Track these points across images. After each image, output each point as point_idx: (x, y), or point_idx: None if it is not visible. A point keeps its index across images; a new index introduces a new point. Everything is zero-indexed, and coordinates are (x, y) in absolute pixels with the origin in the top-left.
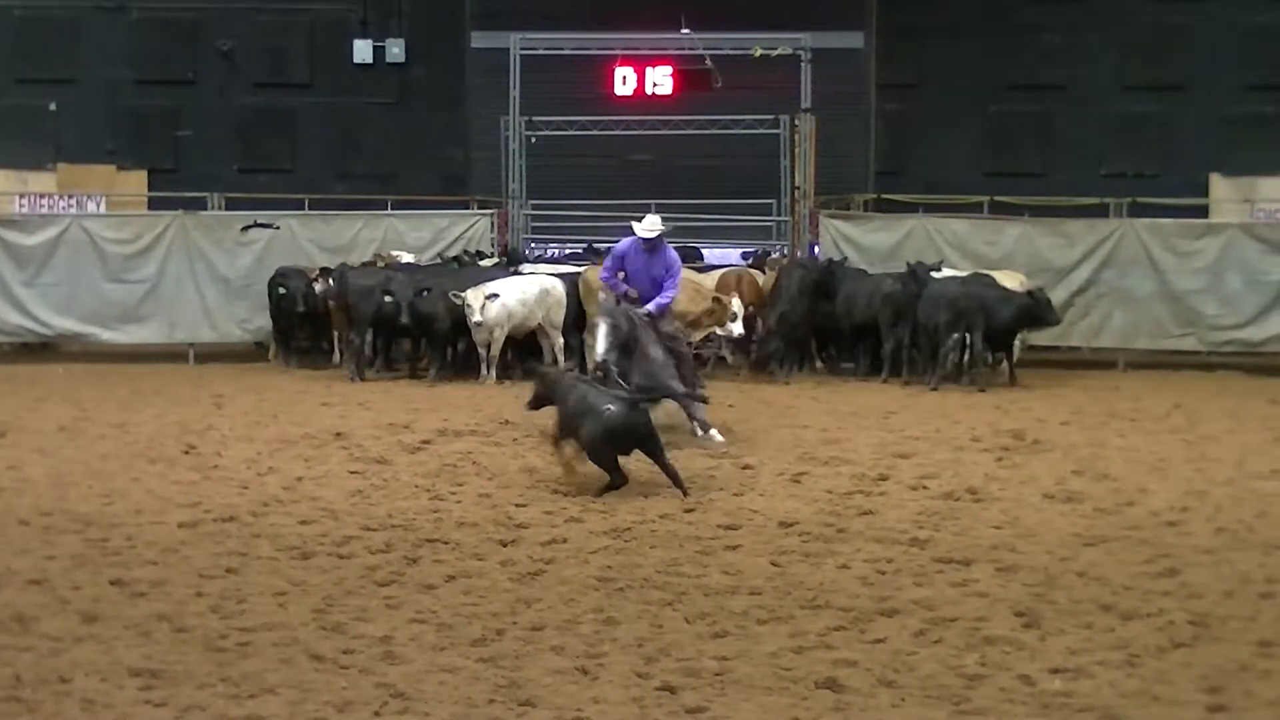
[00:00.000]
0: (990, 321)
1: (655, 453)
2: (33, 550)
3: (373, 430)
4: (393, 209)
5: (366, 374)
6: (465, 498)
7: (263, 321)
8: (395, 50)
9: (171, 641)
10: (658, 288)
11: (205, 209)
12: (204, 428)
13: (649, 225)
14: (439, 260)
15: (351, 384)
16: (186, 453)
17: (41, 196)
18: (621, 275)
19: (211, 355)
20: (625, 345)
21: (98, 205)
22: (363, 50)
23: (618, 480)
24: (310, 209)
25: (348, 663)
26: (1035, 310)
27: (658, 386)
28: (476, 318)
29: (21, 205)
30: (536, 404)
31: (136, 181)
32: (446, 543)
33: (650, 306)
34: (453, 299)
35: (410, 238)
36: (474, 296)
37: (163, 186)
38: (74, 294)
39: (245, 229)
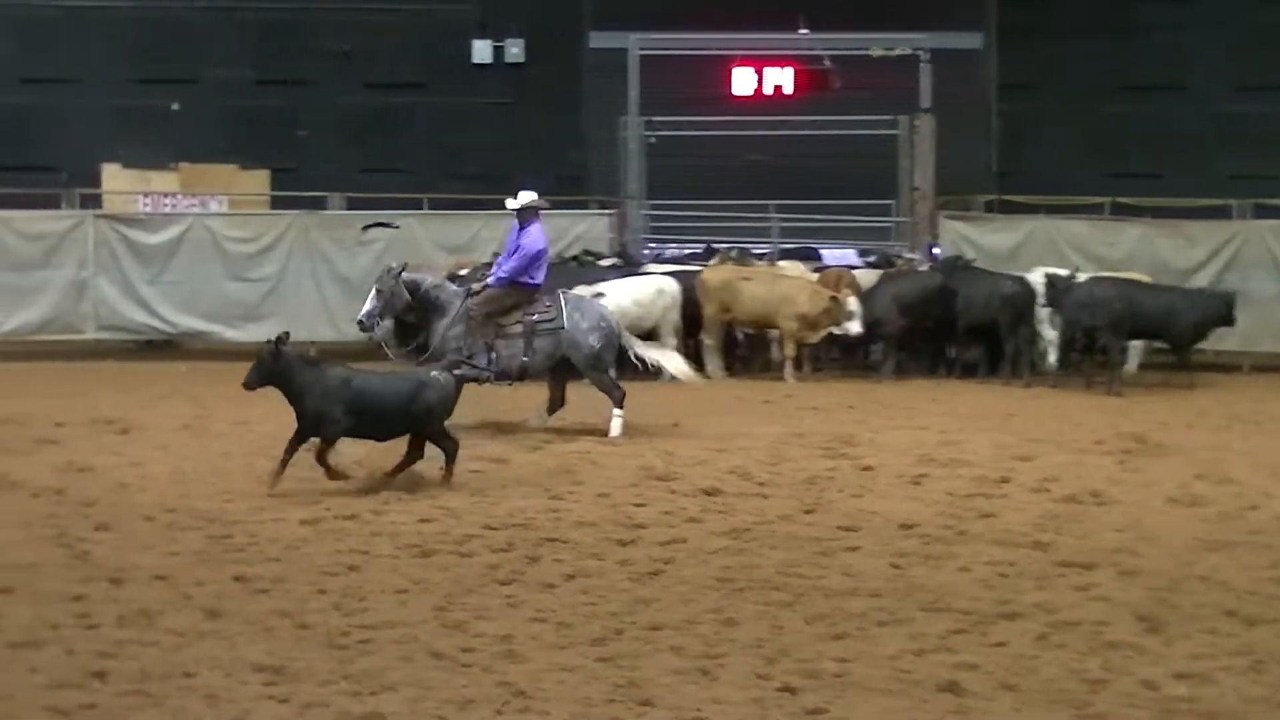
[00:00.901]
0: (1173, 324)
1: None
2: (156, 546)
3: (488, 430)
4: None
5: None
6: (584, 497)
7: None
8: (514, 50)
9: (293, 638)
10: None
11: (325, 209)
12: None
13: (518, 199)
14: (558, 260)
15: (474, 384)
16: (308, 450)
17: (164, 196)
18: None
19: (332, 354)
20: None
21: (219, 205)
22: (482, 50)
23: (454, 444)
24: (429, 208)
25: (468, 661)
26: (1224, 312)
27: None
28: None
29: (145, 204)
30: (258, 383)
31: (258, 181)
32: (565, 542)
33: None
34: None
35: None
36: (580, 293)
37: (283, 186)
38: (196, 292)
39: (365, 228)
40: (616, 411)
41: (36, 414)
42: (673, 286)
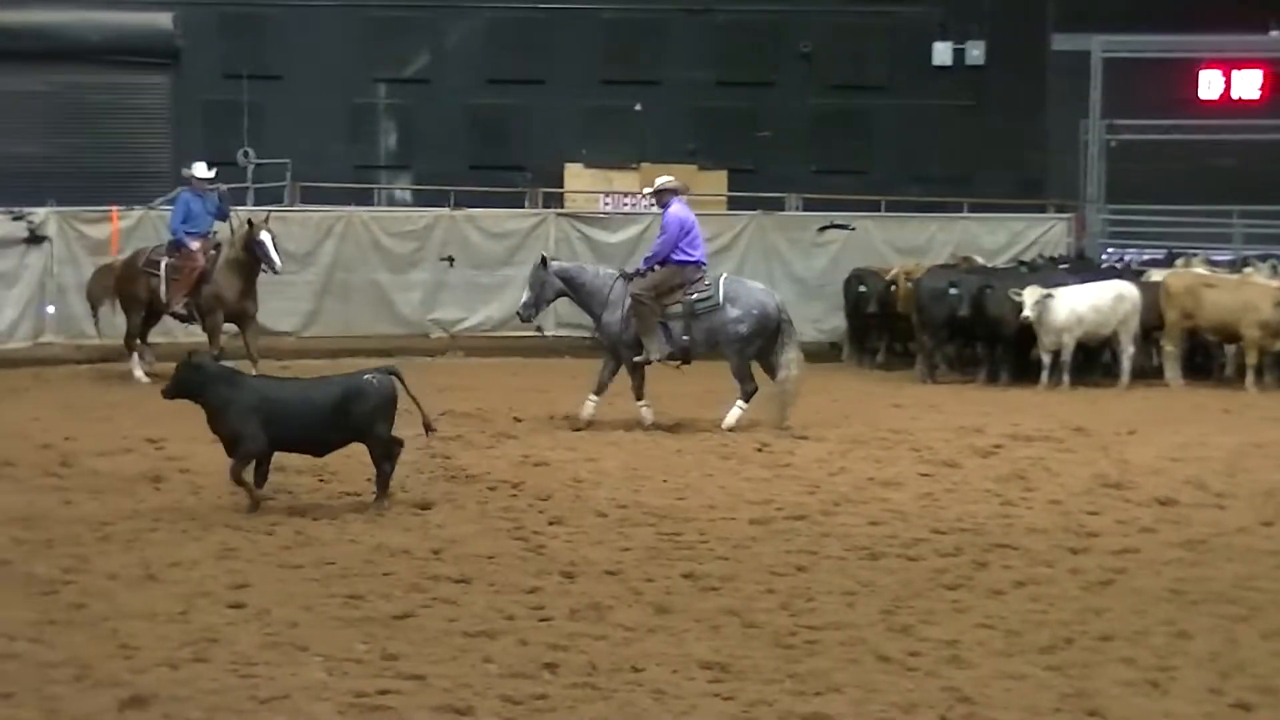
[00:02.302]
0: None
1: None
2: (608, 541)
3: (943, 433)
4: (968, 212)
5: (939, 376)
6: (1035, 504)
7: (837, 322)
8: (975, 53)
9: (740, 636)
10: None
11: (782, 209)
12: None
13: (655, 184)
14: (1018, 265)
15: (923, 386)
16: (759, 450)
17: (625, 195)
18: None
19: None
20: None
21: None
22: (942, 52)
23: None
24: (885, 211)
25: (914, 664)
26: None
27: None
28: (1027, 312)
29: (606, 204)
30: (175, 395)
31: (716, 181)
32: (1016, 548)
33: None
34: (1011, 296)
35: (985, 241)
36: (1030, 293)
37: (741, 187)
38: None
39: (822, 229)
40: (740, 404)
41: (498, 409)
42: (1133, 292)
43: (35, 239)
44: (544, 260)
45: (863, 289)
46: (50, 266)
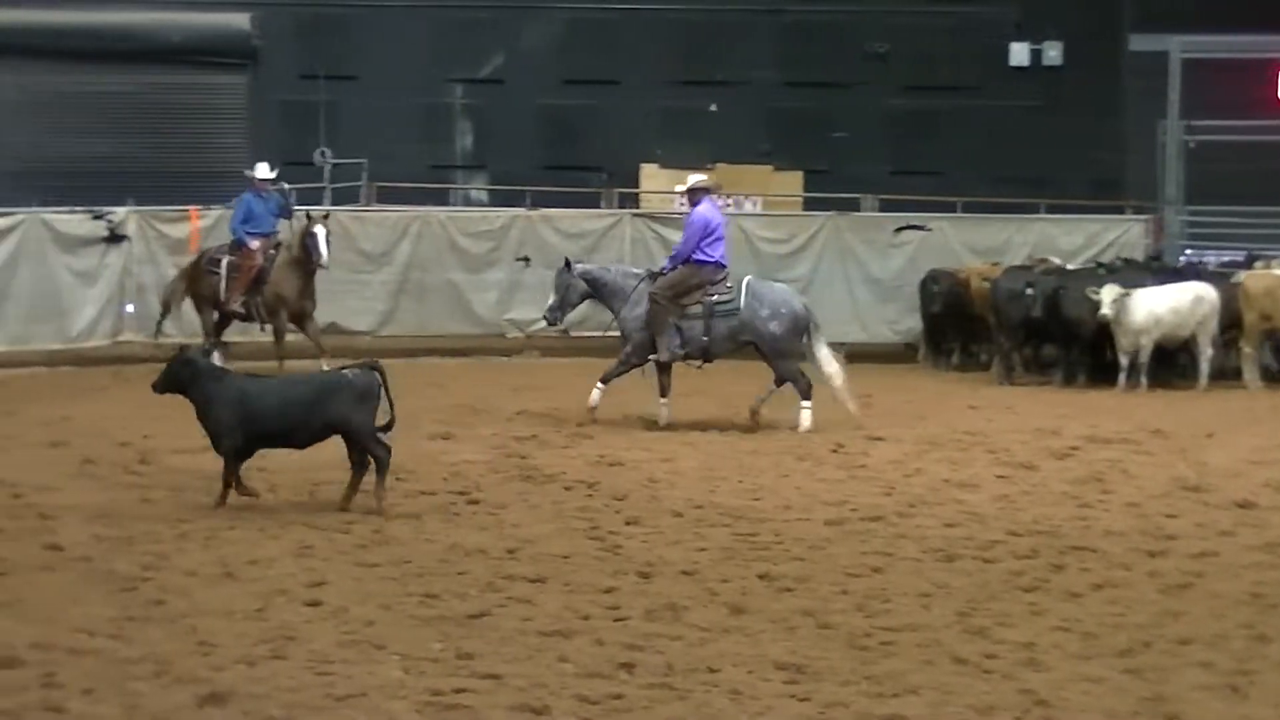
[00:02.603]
0: None
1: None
2: (684, 541)
3: (1019, 435)
4: (1045, 213)
5: (1015, 378)
6: (1113, 506)
7: (912, 323)
8: (1052, 53)
9: (815, 637)
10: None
11: (858, 210)
12: (853, 427)
13: (689, 180)
14: (1095, 266)
15: (999, 387)
16: (834, 451)
17: None
18: None
19: (864, 357)
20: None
21: (754, 205)
22: (1019, 53)
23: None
24: (961, 212)
25: (990, 667)
26: None
27: None
28: (1105, 310)
29: (681, 204)
30: (164, 389)
31: (791, 182)
32: (1093, 551)
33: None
34: (1089, 295)
35: (1062, 242)
36: (1108, 292)
37: (816, 187)
38: None
39: (898, 230)
40: (804, 403)
41: (574, 410)
42: (1211, 294)
43: (115, 238)
44: (567, 263)
45: (936, 289)
46: (129, 265)
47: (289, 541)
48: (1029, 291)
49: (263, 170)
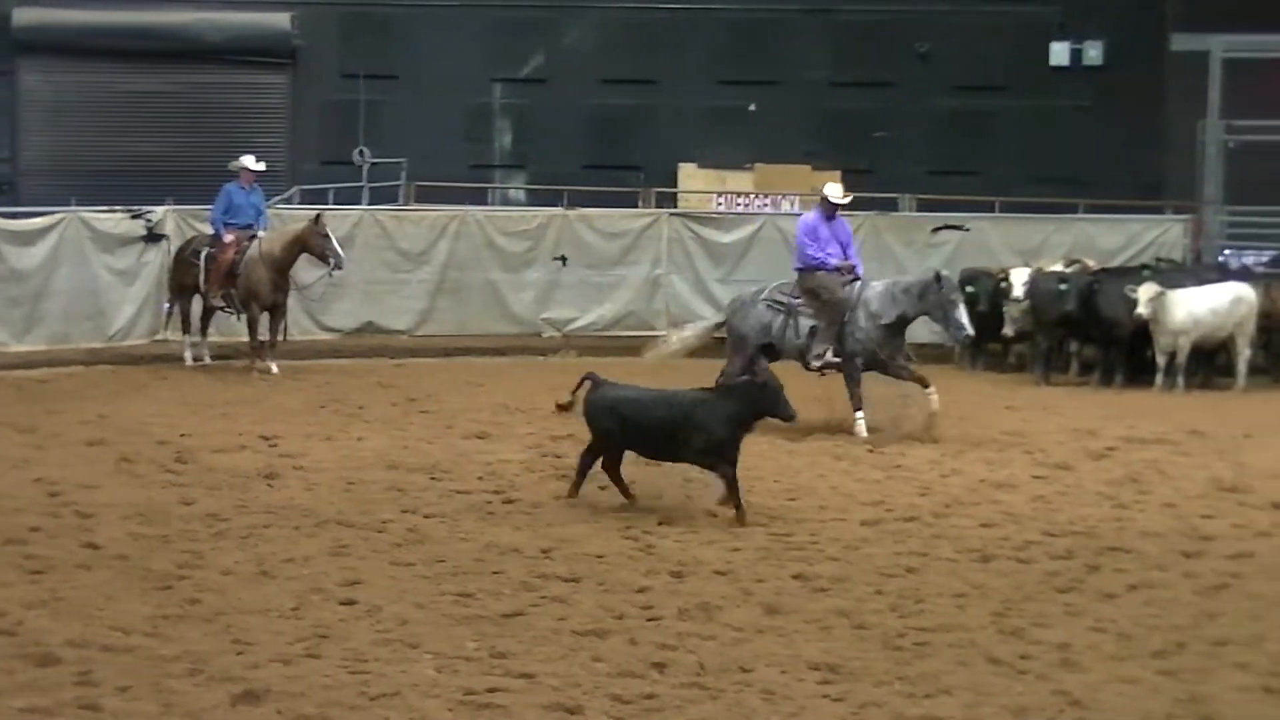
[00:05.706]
0: None
1: None
2: (719, 542)
3: (1056, 435)
4: (1084, 213)
5: (1053, 378)
6: (1149, 507)
7: None
8: (1093, 53)
9: (850, 638)
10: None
11: (896, 210)
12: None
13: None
14: (1138, 268)
15: (1036, 388)
16: (871, 451)
17: (738, 195)
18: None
19: None
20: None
21: (792, 205)
22: (1059, 53)
23: None
24: (1000, 211)
25: (1025, 668)
26: None
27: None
28: (1141, 309)
29: (719, 204)
30: None
31: (830, 182)
32: (1129, 552)
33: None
34: (1126, 293)
35: (1101, 242)
36: (1145, 290)
37: (856, 187)
38: None
39: (935, 230)
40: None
41: None
42: (1250, 295)
43: (153, 237)
44: (938, 276)
45: (971, 289)
46: (168, 264)
47: (324, 540)
48: (1062, 286)
49: (249, 161)
